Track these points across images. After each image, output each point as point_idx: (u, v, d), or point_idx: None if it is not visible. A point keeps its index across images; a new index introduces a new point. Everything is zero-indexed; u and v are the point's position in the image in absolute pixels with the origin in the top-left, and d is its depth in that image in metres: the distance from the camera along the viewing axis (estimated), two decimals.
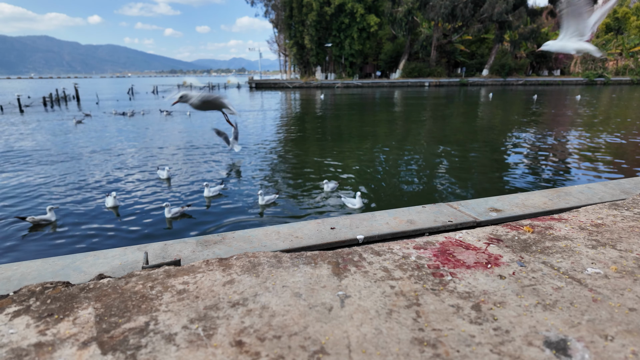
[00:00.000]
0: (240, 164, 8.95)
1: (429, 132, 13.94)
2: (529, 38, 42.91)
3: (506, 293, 1.29)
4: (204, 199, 6.42)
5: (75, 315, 1.17)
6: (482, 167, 8.47)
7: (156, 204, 6.19)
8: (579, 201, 2.37)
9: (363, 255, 1.58)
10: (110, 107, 23.28)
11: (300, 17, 44.56)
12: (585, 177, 7.63)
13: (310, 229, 1.96)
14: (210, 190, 6.45)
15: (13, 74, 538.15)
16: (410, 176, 8.00)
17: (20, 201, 6.46)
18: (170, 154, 10.01)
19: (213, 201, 6.33)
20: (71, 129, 14.36)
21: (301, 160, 9.48)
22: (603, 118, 16.02)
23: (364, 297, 1.27)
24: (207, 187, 6.44)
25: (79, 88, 31.90)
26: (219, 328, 1.11)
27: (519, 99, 26.48)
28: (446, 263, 1.51)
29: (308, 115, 19.97)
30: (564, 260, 1.52)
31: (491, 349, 1.02)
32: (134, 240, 5.02)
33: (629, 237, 1.73)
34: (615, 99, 25.55)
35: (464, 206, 2.28)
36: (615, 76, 45.45)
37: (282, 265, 1.49)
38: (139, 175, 7.92)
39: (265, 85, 47.40)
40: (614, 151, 9.78)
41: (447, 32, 44.11)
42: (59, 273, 1.53)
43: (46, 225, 5.36)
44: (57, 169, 8.47)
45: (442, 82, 43.14)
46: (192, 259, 1.64)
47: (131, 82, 69.13)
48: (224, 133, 8.81)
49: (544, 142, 11.25)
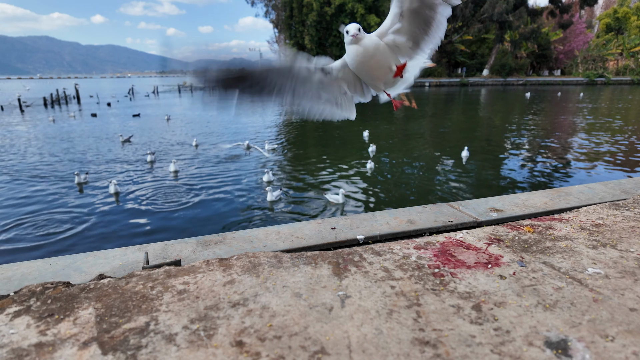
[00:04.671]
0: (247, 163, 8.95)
1: (429, 132, 13.93)
2: (529, 38, 42.86)
3: (507, 293, 1.28)
4: (208, 198, 6.43)
5: (76, 315, 1.18)
6: (483, 167, 8.47)
7: (158, 204, 6.19)
8: (580, 201, 2.37)
9: (363, 255, 1.58)
10: (110, 107, 23.29)
11: (300, 18, 44.56)
12: (586, 177, 7.63)
13: (311, 229, 1.96)
14: (273, 195, 6.36)
15: (13, 74, 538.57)
16: (410, 176, 8.00)
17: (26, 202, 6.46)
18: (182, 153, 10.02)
19: (212, 201, 6.33)
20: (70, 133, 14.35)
21: (301, 160, 9.48)
22: (603, 118, 16.01)
23: (364, 297, 1.27)
24: (270, 192, 6.35)
25: (79, 88, 31.94)
26: (219, 328, 1.11)
27: (519, 99, 26.47)
28: (447, 263, 1.51)
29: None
30: (564, 260, 1.52)
31: (492, 349, 1.02)
32: (136, 237, 5.02)
33: (629, 237, 1.73)
34: (615, 99, 25.52)
35: (465, 206, 2.28)
36: (616, 76, 45.42)
37: (282, 266, 1.49)
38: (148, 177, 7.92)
39: None
40: (615, 151, 9.77)
41: (447, 32, 44.02)
42: (60, 273, 1.53)
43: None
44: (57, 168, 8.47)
45: (442, 82, 43.11)
46: (192, 259, 1.63)
47: (131, 82, 69.15)
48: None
49: (544, 142, 11.24)
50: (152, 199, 6.46)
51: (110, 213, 5.85)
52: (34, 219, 5.64)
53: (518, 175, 7.86)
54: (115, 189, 6.52)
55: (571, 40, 46.77)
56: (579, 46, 47.19)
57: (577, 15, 45.64)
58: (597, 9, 57.50)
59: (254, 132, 13.88)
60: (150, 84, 54.24)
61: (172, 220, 5.58)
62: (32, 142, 12.00)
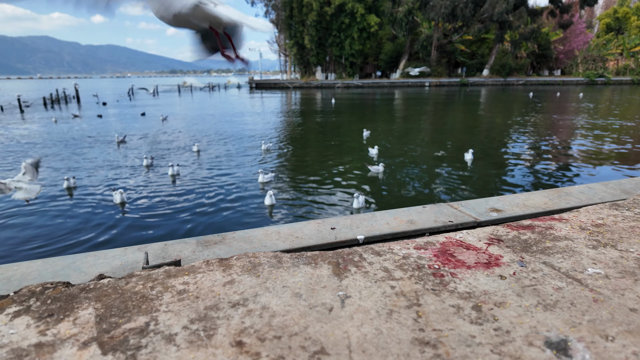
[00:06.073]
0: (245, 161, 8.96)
1: (429, 132, 13.93)
2: (529, 38, 42.88)
3: (507, 293, 1.28)
4: (212, 196, 6.44)
5: (76, 315, 1.17)
6: (483, 167, 8.47)
7: (160, 204, 6.19)
8: (580, 201, 2.37)
9: (363, 255, 1.58)
10: (111, 109, 23.30)
11: (300, 17, 44.56)
12: (586, 177, 7.63)
13: (311, 229, 1.96)
14: (265, 177, 6.91)
15: (13, 74, 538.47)
16: (410, 176, 8.00)
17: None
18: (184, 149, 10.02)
19: (213, 201, 6.33)
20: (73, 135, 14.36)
21: (301, 160, 9.49)
22: (604, 118, 16.02)
23: (364, 297, 1.27)
24: (262, 174, 6.93)
25: (79, 88, 31.95)
26: (219, 328, 1.11)
27: (519, 99, 26.47)
28: (447, 263, 1.51)
29: (308, 115, 19.97)
30: (564, 260, 1.52)
31: (492, 349, 1.01)
32: (136, 236, 5.02)
33: (629, 237, 1.73)
34: (615, 99, 25.53)
35: (465, 206, 2.28)
36: (616, 76, 45.43)
37: (282, 266, 1.49)
38: (148, 176, 7.92)
39: (266, 86, 47.41)
40: (615, 151, 9.77)
41: (447, 32, 44.08)
42: (59, 273, 1.53)
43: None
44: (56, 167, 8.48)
45: (442, 82, 43.12)
46: (192, 259, 1.63)
47: (131, 82, 69.16)
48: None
49: (544, 142, 11.25)
50: (152, 199, 6.46)
51: (110, 213, 5.85)
52: (34, 219, 5.64)
53: (518, 175, 7.86)
54: (121, 198, 6.03)
55: (571, 40, 46.80)
56: (579, 46, 47.22)
57: (577, 15, 45.67)
58: (597, 9, 57.53)
59: (254, 133, 13.88)
60: (150, 83, 54.25)
61: (171, 221, 5.58)
62: (33, 143, 12.01)
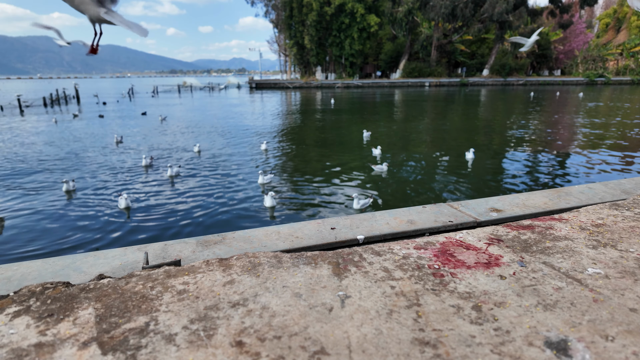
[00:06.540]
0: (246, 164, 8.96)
1: (429, 132, 13.93)
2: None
3: (507, 293, 1.28)
4: (214, 201, 6.43)
5: (76, 315, 1.17)
6: (483, 167, 8.47)
7: (160, 204, 6.20)
8: (580, 201, 2.37)
9: (363, 255, 1.58)
10: (111, 108, 23.31)
11: (300, 17, 44.56)
12: (586, 177, 7.63)
13: (311, 229, 1.96)
14: (264, 178, 6.92)
15: (13, 74, 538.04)
16: (410, 176, 8.00)
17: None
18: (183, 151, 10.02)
19: (213, 201, 6.33)
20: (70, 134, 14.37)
21: (301, 160, 9.48)
22: (604, 118, 16.02)
23: (364, 297, 1.27)
24: (261, 175, 6.93)
25: (79, 88, 31.95)
26: (219, 328, 1.11)
27: (519, 99, 26.47)
28: (447, 263, 1.51)
29: (308, 115, 19.97)
30: (564, 260, 1.52)
31: (492, 349, 1.01)
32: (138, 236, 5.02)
33: (629, 237, 1.73)
34: (615, 99, 25.53)
35: (465, 206, 2.28)
36: (616, 76, 45.43)
37: (282, 266, 1.49)
38: (151, 178, 7.92)
39: (266, 86, 47.41)
40: (615, 151, 9.77)
41: (447, 32, 44.08)
42: (59, 273, 1.53)
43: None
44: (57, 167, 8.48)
45: (442, 82, 43.11)
46: (192, 259, 1.63)
47: (131, 82, 69.11)
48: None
49: (544, 142, 11.25)
50: (152, 200, 6.46)
51: (110, 213, 5.85)
52: (34, 219, 5.64)
53: (518, 175, 7.86)
54: (126, 203, 5.82)
55: (571, 40, 46.81)
56: (579, 46, 47.22)
57: (577, 15, 45.65)
58: (597, 9, 57.50)
59: (254, 133, 13.88)
60: (150, 83, 54.21)
61: (171, 221, 5.58)
62: (32, 142, 12.01)
